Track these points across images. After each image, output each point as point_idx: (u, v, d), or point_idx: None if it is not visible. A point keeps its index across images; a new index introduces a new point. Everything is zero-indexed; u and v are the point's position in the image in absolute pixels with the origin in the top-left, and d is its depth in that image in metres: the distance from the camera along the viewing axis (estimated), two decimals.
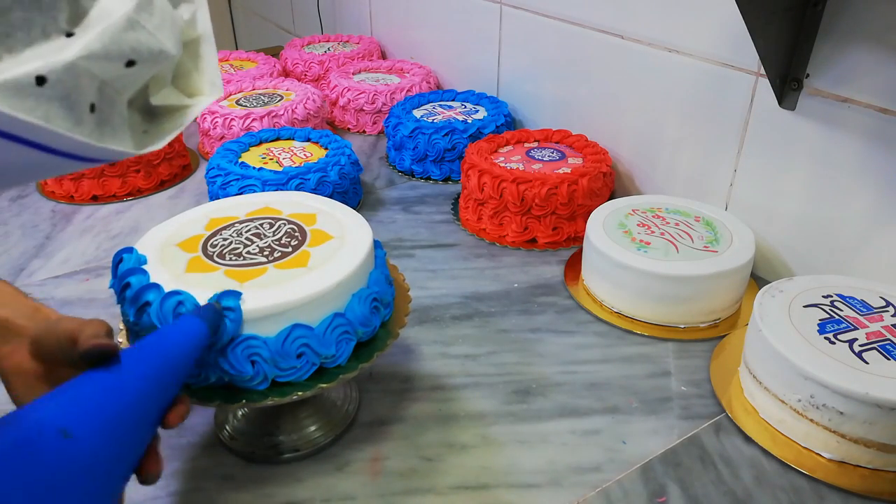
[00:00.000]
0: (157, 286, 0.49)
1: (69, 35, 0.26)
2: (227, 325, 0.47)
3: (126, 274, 0.51)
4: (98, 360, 0.37)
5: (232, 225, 0.59)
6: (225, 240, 0.57)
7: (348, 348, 0.53)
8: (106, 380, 0.36)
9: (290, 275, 0.52)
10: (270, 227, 0.58)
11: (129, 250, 0.54)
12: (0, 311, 0.44)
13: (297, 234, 0.57)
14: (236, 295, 0.48)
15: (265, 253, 0.54)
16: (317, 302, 0.50)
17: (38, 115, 0.24)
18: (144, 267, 0.52)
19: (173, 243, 0.56)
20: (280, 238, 0.57)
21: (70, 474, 0.31)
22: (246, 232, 0.58)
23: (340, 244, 0.56)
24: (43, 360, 0.42)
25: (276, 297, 0.49)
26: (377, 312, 0.55)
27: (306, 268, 0.53)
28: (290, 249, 0.55)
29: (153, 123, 0.33)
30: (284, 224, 0.59)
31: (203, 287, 0.49)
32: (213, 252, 0.55)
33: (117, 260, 0.53)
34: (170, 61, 0.31)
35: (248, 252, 0.55)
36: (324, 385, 0.51)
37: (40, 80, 0.24)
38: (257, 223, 0.59)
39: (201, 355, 0.45)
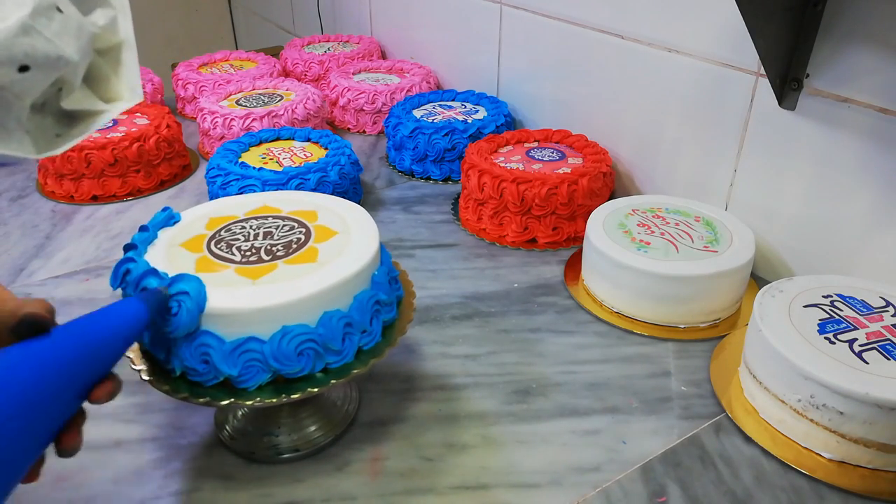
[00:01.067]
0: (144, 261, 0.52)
1: None
2: (182, 313, 0.46)
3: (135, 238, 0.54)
4: (27, 331, 0.37)
5: (257, 219, 0.60)
6: (242, 229, 0.58)
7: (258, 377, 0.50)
8: (29, 353, 0.36)
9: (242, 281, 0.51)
10: (288, 231, 0.58)
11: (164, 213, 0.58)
12: None
13: (298, 241, 0.56)
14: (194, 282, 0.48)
15: (247, 253, 0.54)
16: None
17: None
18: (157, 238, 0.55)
19: (208, 217, 0.59)
20: (277, 244, 0.56)
21: None
22: (258, 228, 0.58)
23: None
24: None
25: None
26: (318, 357, 0.51)
27: (253, 280, 0.51)
28: (274, 255, 0.54)
29: (69, 127, 0.33)
30: (298, 231, 0.58)
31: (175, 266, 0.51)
32: (216, 239, 0.56)
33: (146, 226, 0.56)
34: (71, 67, 0.30)
35: (239, 248, 0.55)
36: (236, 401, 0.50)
37: None
38: (282, 223, 0.59)
39: (138, 337, 0.44)
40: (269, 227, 0.58)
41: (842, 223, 0.73)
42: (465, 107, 1.17)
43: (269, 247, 0.55)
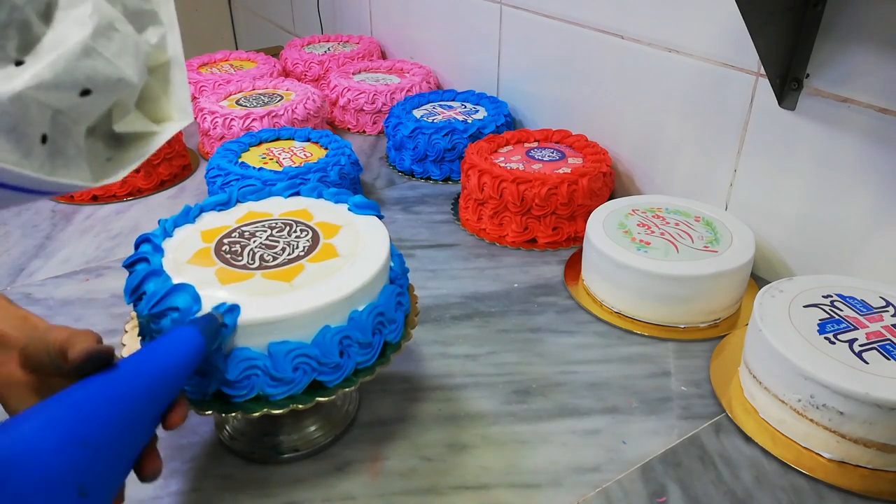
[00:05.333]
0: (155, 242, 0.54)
1: (18, 63, 0.25)
2: (224, 333, 0.46)
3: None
4: (91, 370, 0.37)
5: (253, 224, 0.59)
6: (244, 236, 0.57)
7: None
8: (106, 394, 0.36)
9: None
10: (293, 231, 0.58)
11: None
12: None
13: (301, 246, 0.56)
14: (234, 309, 0.47)
15: (264, 257, 0.54)
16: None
17: None
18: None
19: (198, 231, 0.59)
20: (291, 245, 0.55)
21: None
22: (261, 233, 0.57)
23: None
24: (32, 370, 0.42)
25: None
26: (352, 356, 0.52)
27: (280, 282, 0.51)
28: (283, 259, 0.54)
29: (118, 150, 0.32)
30: (303, 230, 0.58)
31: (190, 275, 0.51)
32: (223, 249, 0.55)
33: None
34: (131, 89, 0.29)
35: (252, 254, 0.54)
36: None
37: None
38: (282, 224, 0.59)
39: (198, 363, 0.44)
40: (272, 230, 0.58)
41: (842, 223, 0.73)
42: (465, 107, 1.17)
43: (283, 248, 0.55)
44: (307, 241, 0.56)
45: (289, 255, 0.54)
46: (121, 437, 0.35)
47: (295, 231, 0.58)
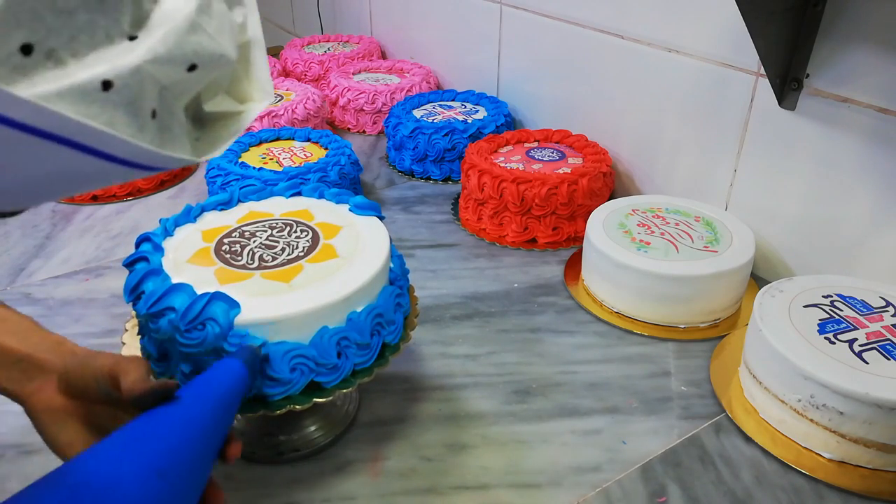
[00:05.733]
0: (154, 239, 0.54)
1: (132, 38, 0.25)
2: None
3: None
4: (152, 403, 0.37)
5: (253, 224, 0.59)
6: (244, 236, 0.57)
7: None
8: (173, 425, 0.36)
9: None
10: (293, 232, 0.57)
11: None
12: (21, 346, 0.42)
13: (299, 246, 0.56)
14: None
15: (263, 258, 0.54)
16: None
17: (102, 120, 0.23)
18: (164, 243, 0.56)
19: (199, 231, 0.58)
20: (290, 245, 0.55)
21: None
22: (261, 233, 0.57)
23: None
24: (74, 396, 0.41)
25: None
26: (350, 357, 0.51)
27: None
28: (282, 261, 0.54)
29: (202, 130, 0.32)
30: (303, 230, 0.58)
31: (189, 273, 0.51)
32: (223, 249, 0.55)
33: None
34: (228, 66, 0.30)
35: (252, 254, 0.54)
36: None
37: (106, 85, 0.23)
38: (283, 225, 0.58)
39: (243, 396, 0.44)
40: (272, 230, 0.58)
41: (842, 223, 0.73)
42: (465, 107, 1.17)
43: (283, 249, 0.55)
44: (307, 241, 0.56)
45: (288, 255, 0.54)
46: (191, 468, 0.35)
47: (295, 231, 0.57)
